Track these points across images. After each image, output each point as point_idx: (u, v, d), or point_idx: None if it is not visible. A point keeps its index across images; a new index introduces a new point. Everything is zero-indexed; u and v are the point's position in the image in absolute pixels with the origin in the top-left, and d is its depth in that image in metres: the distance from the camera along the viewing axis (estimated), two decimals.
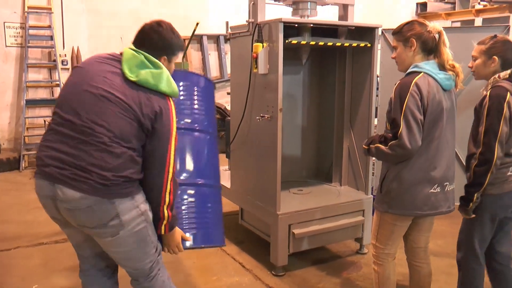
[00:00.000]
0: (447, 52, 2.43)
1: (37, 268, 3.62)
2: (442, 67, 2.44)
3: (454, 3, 10.53)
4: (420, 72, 2.39)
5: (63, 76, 7.26)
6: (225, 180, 4.19)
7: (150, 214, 2.14)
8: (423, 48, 2.44)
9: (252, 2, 3.34)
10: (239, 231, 4.26)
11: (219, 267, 3.66)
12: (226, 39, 3.75)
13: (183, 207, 2.53)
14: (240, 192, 3.87)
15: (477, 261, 2.70)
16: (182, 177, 2.54)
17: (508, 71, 2.55)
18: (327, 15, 4.02)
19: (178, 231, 2.30)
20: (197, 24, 7.28)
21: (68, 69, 7.45)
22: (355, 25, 3.52)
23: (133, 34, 2.30)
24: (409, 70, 2.45)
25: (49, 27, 7.13)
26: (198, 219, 2.57)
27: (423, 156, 2.39)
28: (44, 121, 6.85)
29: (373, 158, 3.79)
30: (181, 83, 2.60)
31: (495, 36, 2.65)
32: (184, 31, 8.61)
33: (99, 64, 2.14)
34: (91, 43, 7.60)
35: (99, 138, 1.97)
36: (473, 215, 2.58)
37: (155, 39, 2.20)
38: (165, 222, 2.16)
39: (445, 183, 2.47)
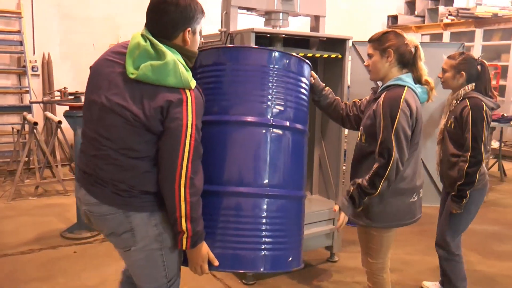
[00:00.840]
0: (423, 68, 2.46)
1: (2, 280, 3.52)
2: (417, 81, 2.46)
3: (423, 17, 10.85)
4: (404, 86, 2.37)
5: (33, 83, 7.12)
6: None
7: (170, 238, 1.94)
8: (399, 61, 2.43)
9: (225, 12, 3.36)
10: None
11: (189, 277, 3.60)
12: (200, 48, 3.71)
13: (256, 223, 2.07)
14: None
15: (460, 251, 3.15)
16: (258, 187, 2.08)
17: (473, 84, 2.97)
18: (298, 26, 4.07)
19: (204, 249, 1.94)
20: None
21: (38, 75, 7.31)
22: (327, 37, 3.58)
23: (106, 41, 2.27)
24: (391, 83, 2.41)
25: (19, 32, 6.97)
26: (270, 238, 2.09)
27: (407, 168, 2.40)
28: (12, 128, 6.69)
29: (344, 167, 3.85)
30: (264, 65, 2.16)
31: (463, 53, 3.04)
32: None
33: (106, 64, 1.90)
34: (63, 49, 7.48)
35: (105, 151, 1.84)
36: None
37: (172, 11, 1.85)
38: (185, 236, 1.85)
39: (420, 190, 2.55)
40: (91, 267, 3.72)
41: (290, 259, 2.16)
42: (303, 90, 2.32)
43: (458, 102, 2.98)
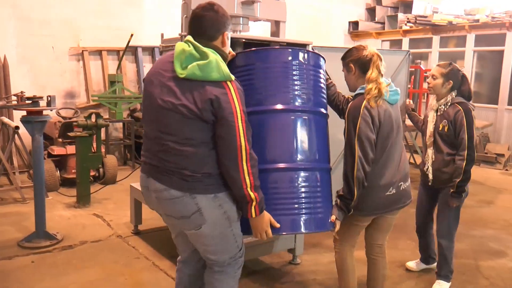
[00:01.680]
0: (374, 71, 2.67)
1: None
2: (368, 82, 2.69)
3: (383, 23, 11.14)
4: (364, 93, 2.65)
5: None
6: None
7: (235, 213, 2.28)
8: (361, 70, 2.71)
9: (185, 16, 3.36)
10: (172, 246, 4.13)
11: (152, 283, 3.58)
12: (161, 51, 3.72)
13: (298, 192, 2.47)
14: None
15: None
16: (293, 162, 2.48)
17: (455, 91, 3.39)
18: (259, 31, 4.11)
19: (266, 215, 2.30)
20: (132, 35, 7.18)
21: None
22: (287, 41, 3.62)
23: (66, 44, 2.29)
24: (356, 92, 2.72)
25: None
26: (310, 203, 2.50)
27: (378, 165, 2.67)
28: None
29: None
30: (286, 61, 2.54)
31: (451, 63, 3.44)
32: (118, 42, 8.57)
33: (159, 70, 2.25)
34: (20, 51, 7.25)
35: (168, 145, 2.18)
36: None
37: (214, 16, 2.23)
38: (254, 203, 2.19)
39: (399, 183, 2.78)
40: (50, 277, 3.62)
41: (330, 220, 2.57)
42: (321, 80, 2.69)
43: (446, 107, 3.37)
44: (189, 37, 2.20)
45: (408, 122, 4.28)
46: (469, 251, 4.42)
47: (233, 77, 2.17)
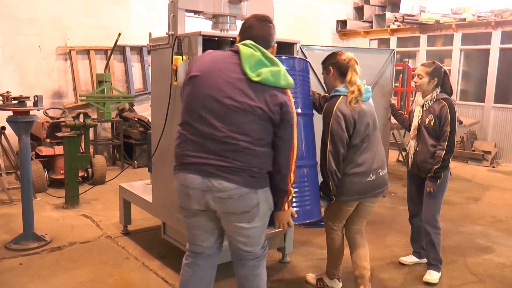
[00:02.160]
0: (353, 74, 3.05)
1: None
2: (349, 83, 3.06)
3: (371, 22, 11.20)
4: (340, 96, 3.03)
5: None
6: (147, 194, 4.12)
7: (272, 206, 2.51)
8: (339, 73, 3.08)
9: (172, 14, 3.35)
10: (162, 246, 4.19)
11: (141, 283, 3.57)
12: (149, 51, 3.71)
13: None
14: (162, 206, 3.82)
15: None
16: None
17: (439, 87, 3.64)
18: None
19: (290, 208, 2.58)
20: (119, 34, 7.14)
21: None
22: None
23: (52, 42, 2.25)
24: (331, 94, 3.09)
25: None
26: (301, 197, 2.93)
27: (357, 156, 3.05)
28: None
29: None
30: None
31: (434, 62, 3.69)
32: (106, 41, 8.51)
33: (220, 69, 2.36)
34: (6, 51, 7.17)
35: (242, 145, 2.31)
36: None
37: (272, 28, 2.54)
38: (290, 198, 2.50)
39: (378, 171, 3.14)
40: (38, 279, 3.58)
41: (322, 209, 3.06)
42: (308, 83, 3.07)
43: (431, 103, 3.62)
44: (252, 42, 2.40)
45: (394, 120, 4.32)
46: (457, 248, 4.47)
47: (293, 85, 2.47)
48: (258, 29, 2.48)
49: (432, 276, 3.69)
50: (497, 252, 4.39)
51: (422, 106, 3.69)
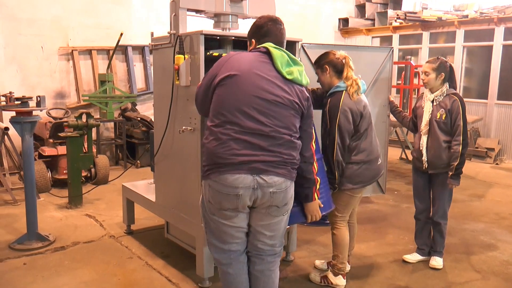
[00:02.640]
0: (349, 71, 3.27)
1: None
2: (345, 79, 3.28)
3: (373, 20, 11.17)
4: (342, 91, 3.23)
5: None
6: (150, 193, 4.12)
7: None
8: (335, 71, 3.28)
9: (174, 14, 3.34)
10: (165, 245, 4.19)
11: (145, 282, 3.57)
12: (151, 50, 3.71)
13: None
14: (165, 205, 3.82)
15: None
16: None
17: (447, 84, 3.72)
18: (248, 28, 4.10)
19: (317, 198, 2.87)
20: (121, 34, 7.14)
21: None
22: None
23: (54, 43, 2.25)
24: (333, 90, 3.27)
25: None
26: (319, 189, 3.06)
27: (369, 144, 3.31)
28: None
29: None
30: None
31: (439, 58, 3.74)
32: (108, 41, 8.52)
33: (257, 68, 2.50)
34: (8, 51, 7.18)
35: (286, 139, 2.50)
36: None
37: (284, 34, 2.72)
38: (318, 186, 2.78)
39: (378, 159, 3.42)
40: (41, 279, 3.59)
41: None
42: None
43: (442, 98, 3.69)
44: (273, 44, 2.59)
45: (393, 117, 4.32)
46: (461, 245, 4.46)
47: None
48: (277, 34, 2.66)
49: (438, 262, 3.89)
50: (500, 249, 4.38)
51: (432, 102, 3.74)
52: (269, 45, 2.57)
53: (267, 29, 2.64)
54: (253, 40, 2.70)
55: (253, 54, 2.57)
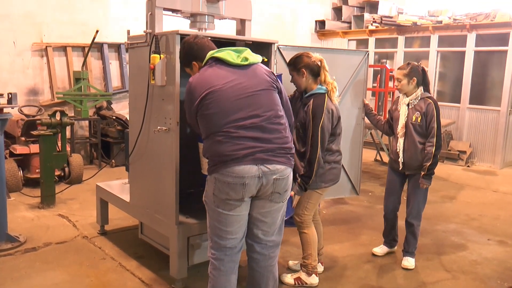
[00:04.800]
0: (327, 74, 3.40)
1: None
2: (323, 82, 3.40)
3: (350, 23, 11.29)
4: (324, 94, 3.35)
5: None
6: (125, 193, 4.08)
7: None
8: (311, 74, 3.38)
9: (150, 13, 3.32)
10: (139, 246, 4.15)
11: (118, 284, 3.53)
12: (127, 49, 3.67)
13: None
14: (139, 206, 3.78)
15: None
16: None
17: (422, 87, 3.86)
18: (224, 29, 4.09)
19: None
20: (97, 31, 7.04)
21: None
22: (253, 40, 3.63)
23: (27, 38, 2.19)
24: (316, 91, 3.37)
25: None
26: None
27: (338, 144, 3.47)
28: None
29: None
30: None
31: (410, 63, 3.88)
32: (83, 38, 8.36)
33: (222, 76, 2.67)
34: None
35: (274, 121, 2.70)
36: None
37: (209, 41, 2.97)
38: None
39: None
40: (11, 281, 3.51)
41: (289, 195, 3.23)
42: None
43: (417, 101, 3.83)
44: (212, 52, 2.79)
45: (367, 120, 4.39)
46: (432, 246, 4.56)
47: None
48: (205, 43, 2.89)
49: (410, 262, 4.00)
50: (470, 249, 4.50)
51: (408, 105, 3.87)
52: (210, 54, 2.75)
53: (198, 46, 2.85)
54: (194, 63, 2.87)
55: (209, 68, 2.72)
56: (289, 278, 3.60)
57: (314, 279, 3.54)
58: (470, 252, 4.42)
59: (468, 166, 8.77)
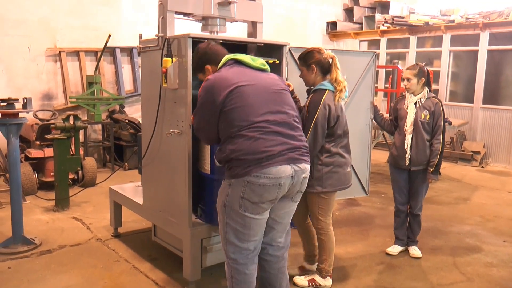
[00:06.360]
0: (338, 72, 3.30)
1: None
2: (334, 81, 3.31)
3: (361, 24, 11.24)
4: (326, 90, 3.26)
5: None
6: (138, 196, 4.11)
7: None
8: (321, 71, 3.32)
9: (161, 16, 3.34)
10: (152, 248, 4.18)
11: (132, 285, 3.55)
12: (139, 52, 3.70)
13: None
14: (152, 208, 3.81)
15: None
16: None
17: (427, 87, 4.06)
18: (236, 31, 4.11)
19: None
20: (109, 36, 7.11)
21: None
22: (264, 42, 3.64)
23: (41, 44, 2.22)
24: (317, 87, 3.31)
25: None
26: None
27: (343, 148, 3.37)
28: None
29: None
30: None
31: (417, 64, 4.08)
32: (95, 43, 8.45)
33: (245, 73, 2.73)
34: None
35: (296, 120, 2.77)
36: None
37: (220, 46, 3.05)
38: None
39: (350, 165, 3.45)
40: (27, 283, 3.55)
41: None
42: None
43: (424, 100, 4.02)
44: (229, 55, 2.86)
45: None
46: (446, 247, 4.51)
47: None
48: (218, 48, 2.96)
49: (417, 251, 4.25)
50: (485, 251, 4.44)
51: (415, 104, 4.04)
52: (228, 57, 2.80)
53: (212, 51, 2.91)
54: (207, 66, 2.91)
55: (230, 68, 2.75)
56: (302, 280, 3.59)
57: (328, 281, 3.53)
58: (485, 254, 4.36)
59: (482, 166, 8.66)
